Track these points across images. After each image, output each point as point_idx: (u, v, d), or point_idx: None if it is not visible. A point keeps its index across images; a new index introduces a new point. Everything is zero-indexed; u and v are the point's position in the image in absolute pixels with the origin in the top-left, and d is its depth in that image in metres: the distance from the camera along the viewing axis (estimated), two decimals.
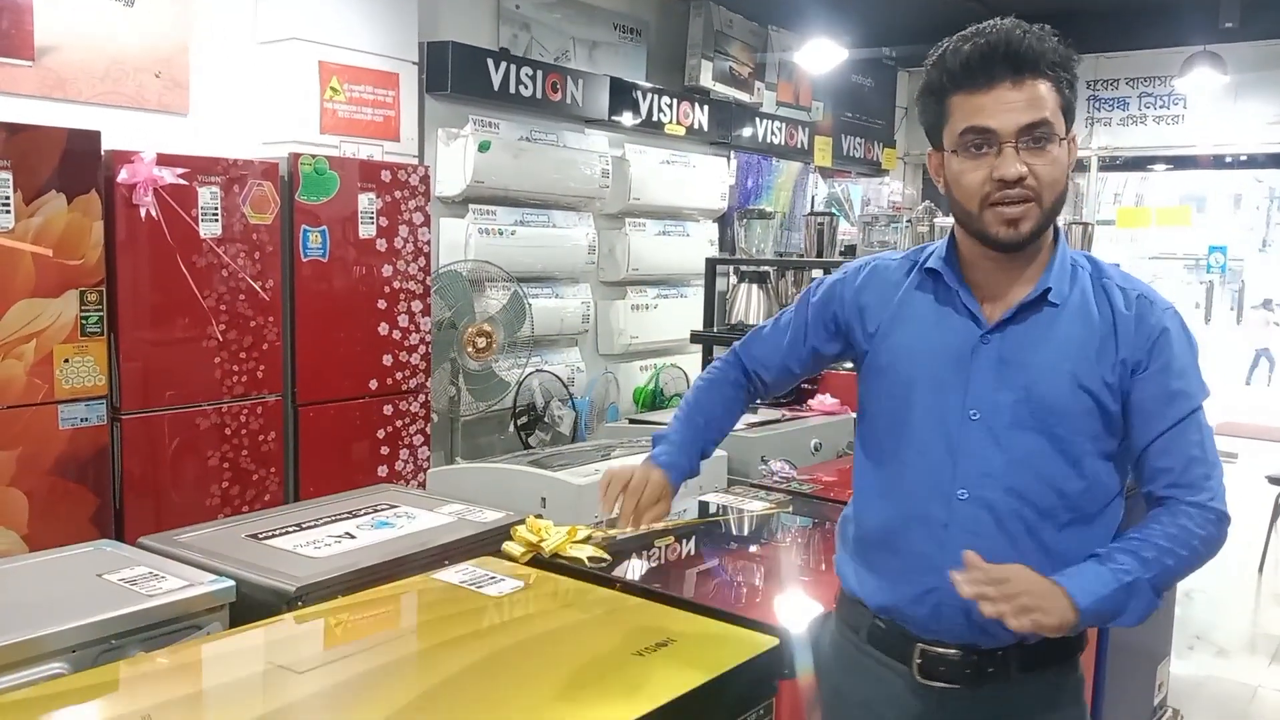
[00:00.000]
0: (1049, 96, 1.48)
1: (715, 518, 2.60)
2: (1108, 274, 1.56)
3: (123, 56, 3.78)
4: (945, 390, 1.55)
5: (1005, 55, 1.47)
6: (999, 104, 1.46)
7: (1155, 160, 7.97)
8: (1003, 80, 1.47)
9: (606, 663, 1.62)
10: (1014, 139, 1.46)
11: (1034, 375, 1.51)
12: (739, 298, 4.76)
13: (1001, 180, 1.46)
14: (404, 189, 4.16)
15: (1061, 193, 1.51)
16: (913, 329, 1.61)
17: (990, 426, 1.51)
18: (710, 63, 6.36)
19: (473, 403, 4.82)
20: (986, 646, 1.53)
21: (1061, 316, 1.52)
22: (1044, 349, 1.51)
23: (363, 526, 2.25)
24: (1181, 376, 1.51)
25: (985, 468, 1.51)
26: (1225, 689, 4.18)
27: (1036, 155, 1.46)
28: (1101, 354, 1.50)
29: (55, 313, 3.19)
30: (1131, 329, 1.51)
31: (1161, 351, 1.50)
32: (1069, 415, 1.50)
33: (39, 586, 1.90)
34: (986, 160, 1.47)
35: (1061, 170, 1.49)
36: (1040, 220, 1.49)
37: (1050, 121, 1.47)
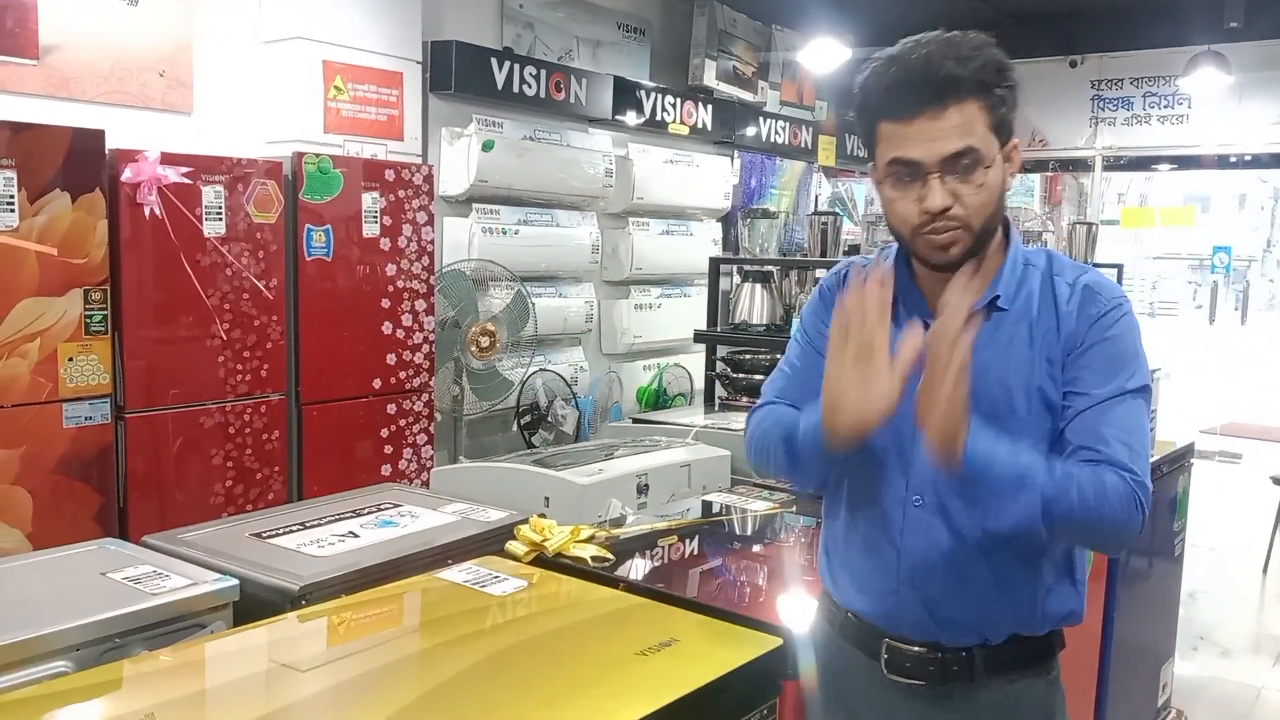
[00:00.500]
0: (977, 119, 1.43)
1: (718, 517, 2.60)
2: (1058, 270, 1.55)
3: (127, 55, 3.78)
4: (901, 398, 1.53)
5: (925, 82, 1.42)
6: (921, 134, 1.42)
7: (1159, 160, 7.95)
8: (924, 109, 1.42)
9: (610, 663, 1.62)
10: (938, 169, 1.42)
11: (983, 382, 1.48)
12: (742, 297, 4.76)
13: (927, 212, 1.44)
14: (408, 188, 4.16)
15: (994, 213, 1.48)
16: None
17: None
18: (714, 62, 6.36)
19: (476, 402, 4.82)
20: (950, 644, 1.54)
21: (1008, 320, 1.52)
22: (992, 355, 1.50)
23: (366, 526, 2.25)
24: (1117, 358, 1.48)
25: (937, 473, 1.50)
26: (1229, 690, 4.18)
27: (963, 183, 1.43)
28: (1046, 351, 1.50)
29: (59, 311, 3.19)
30: (1073, 317, 1.50)
31: (1098, 333, 1.48)
32: (1019, 419, 1.49)
33: (42, 585, 1.90)
34: (914, 190, 1.45)
35: (991, 194, 1.46)
36: (971, 244, 1.47)
37: (976, 148, 1.42)
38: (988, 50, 1.45)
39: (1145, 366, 1.51)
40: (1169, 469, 3.40)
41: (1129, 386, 1.47)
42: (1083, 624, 1.61)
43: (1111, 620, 3.04)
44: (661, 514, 2.56)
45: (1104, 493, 1.40)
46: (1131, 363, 1.49)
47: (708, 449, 3.03)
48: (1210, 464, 7.41)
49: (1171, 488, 3.47)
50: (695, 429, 3.31)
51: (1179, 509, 3.56)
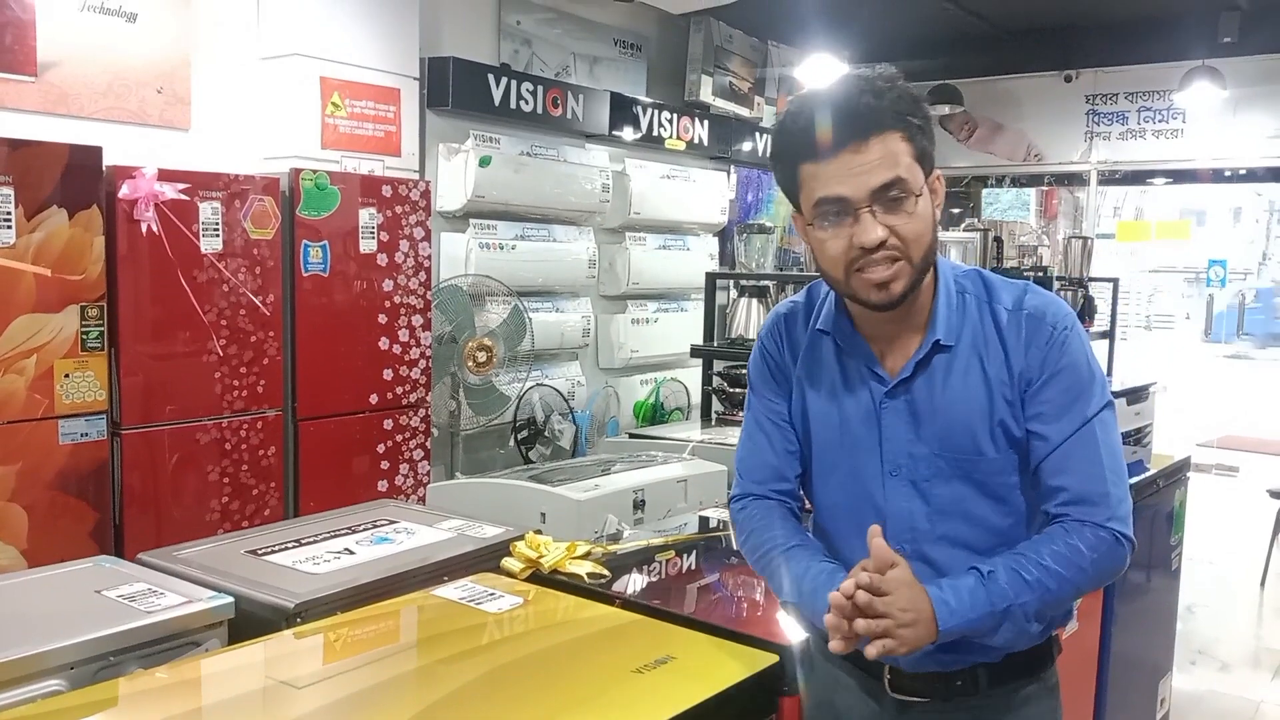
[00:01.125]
0: (900, 150, 1.41)
1: (715, 533, 2.59)
2: (994, 295, 1.52)
3: (125, 72, 3.79)
4: (861, 450, 1.55)
5: (845, 119, 1.40)
6: (847, 170, 1.40)
7: (1155, 174, 7.97)
8: (847, 145, 1.40)
9: (606, 680, 1.62)
10: (869, 203, 1.41)
11: (946, 426, 1.49)
12: (739, 312, 4.77)
13: (863, 247, 1.42)
14: (405, 204, 4.17)
15: (930, 244, 1.47)
16: (822, 390, 1.59)
17: (912, 480, 1.52)
18: (710, 78, 6.38)
19: (473, 417, 4.82)
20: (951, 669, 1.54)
21: (958, 357, 1.50)
22: (950, 398, 1.50)
23: (362, 542, 2.25)
24: (1073, 387, 1.47)
25: (912, 521, 1.52)
26: (1227, 704, 4.17)
27: (895, 215, 1.42)
28: (1002, 389, 1.48)
29: (56, 328, 3.19)
30: (1022, 350, 1.48)
31: (1051, 363, 1.47)
32: (986, 458, 1.49)
33: (37, 602, 1.89)
34: (845, 228, 1.43)
35: (925, 223, 1.45)
36: (913, 276, 1.45)
37: (904, 178, 1.41)
38: (900, 84, 1.45)
39: (1102, 383, 1.50)
40: (1165, 483, 3.39)
41: (1090, 413, 1.47)
42: (1080, 638, 1.62)
43: (1109, 634, 3.04)
44: (658, 530, 2.56)
45: (1080, 567, 1.43)
46: (1090, 385, 1.48)
47: (704, 464, 3.03)
48: (1207, 477, 7.41)
49: (1168, 502, 3.47)
50: (692, 444, 3.32)
51: (1176, 523, 3.56)
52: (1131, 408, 3.19)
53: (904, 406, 1.52)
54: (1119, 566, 1.48)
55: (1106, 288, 6.44)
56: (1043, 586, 1.41)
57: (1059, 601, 1.47)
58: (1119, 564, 1.48)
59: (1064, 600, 1.48)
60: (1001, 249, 5.13)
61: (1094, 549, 1.44)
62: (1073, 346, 1.48)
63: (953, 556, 1.50)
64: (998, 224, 5.62)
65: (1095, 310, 6.17)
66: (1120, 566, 1.48)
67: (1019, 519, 1.52)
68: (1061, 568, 1.42)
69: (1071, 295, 5.77)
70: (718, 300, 5.00)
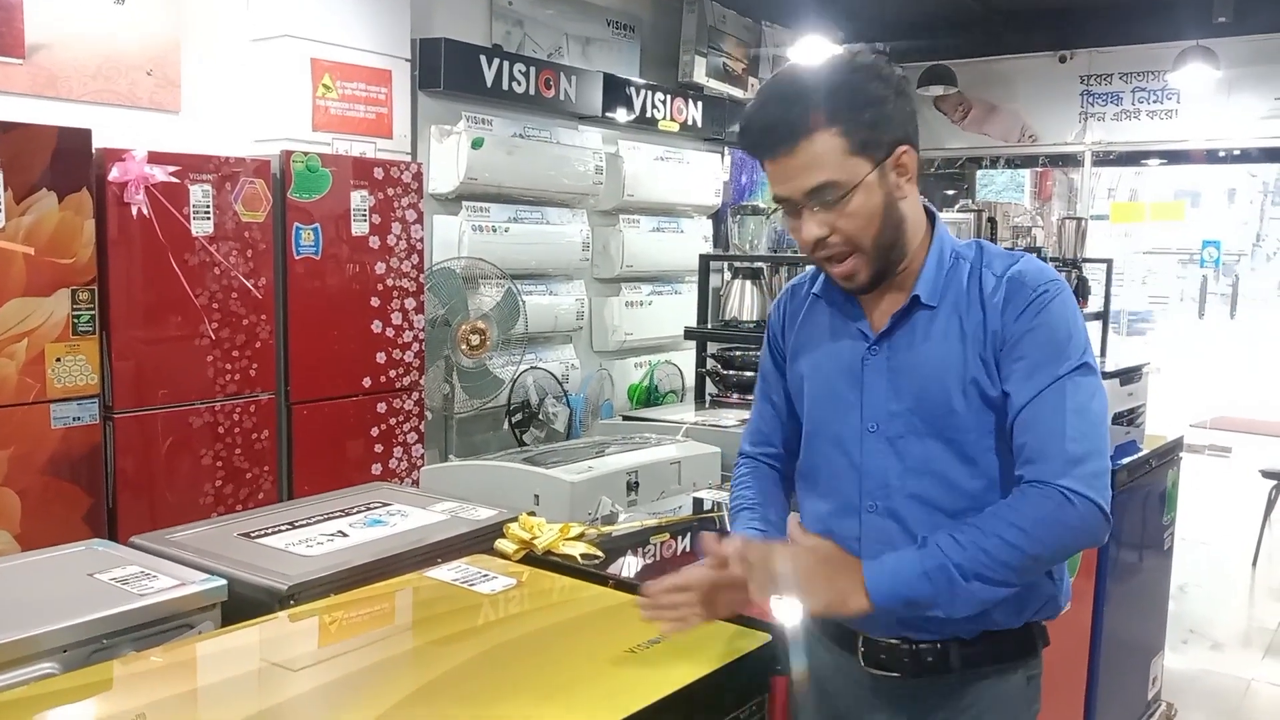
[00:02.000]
0: (831, 148, 1.43)
1: (709, 514, 2.59)
2: (988, 261, 1.53)
3: (114, 54, 3.77)
4: (844, 406, 1.57)
5: (773, 126, 1.46)
6: (784, 173, 1.47)
7: (1149, 155, 7.96)
8: (778, 150, 1.46)
9: (599, 660, 1.62)
10: (805, 203, 1.47)
11: (921, 382, 1.51)
12: (733, 294, 4.76)
13: (805, 243, 1.50)
14: (397, 186, 4.16)
15: (880, 229, 1.48)
16: (812, 348, 1.65)
17: (888, 437, 1.53)
18: (704, 59, 6.35)
19: (467, 400, 4.82)
20: (920, 639, 1.54)
21: (939, 317, 1.52)
22: (926, 354, 1.51)
23: (355, 525, 2.25)
24: (1045, 347, 1.45)
25: (886, 478, 1.53)
26: (1219, 683, 4.19)
27: (833, 213, 1.46)
28: (977, 347, 1.48)
29: (47, 312, 3.18)
30: (999, 311, 1.48)
31: (1026, 322, 1.46)
32: (960, 416, 1.49)
33: (29, 586, 1.89)
34: (797, 223, 1.51)
35: (867, 217, 1.46)
36: (874, 263, 1.50)
37: (834, 180, 1.44)
38: (844, 75, 1.46)
39: (1080, 346, 1.47)
40: (1158, 463, 3.41)
41: (1060, 372, 1.43)
42: (1073, 618, 1.61)
43: (1101, 614, 3.05)
44: (652, 511, 2.56)
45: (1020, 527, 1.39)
46: (1065, 345, 1.45)
47: (698, 446, 3.03)
48: (1200, 458, 7.43)
49: (1161, 482, 3.48)
50: (686, 426, 3.31)
51: (1168, 503, 3.57)
52: (1124, 388, 3.19)
53: (884, 364, 1.54)
54: (1076, 528, 1.40)
55: (1100, 269, 6.44)
56: (976, 546, 1.39)
57: (1006, 565, 1.39)
58: (1073, 525, 1.39)
59: (1013, 565, 1.39)
60: (996, 230, 5.12)
61: (1037, 507, 1.39)
62: (1052, 309, 1.46)
63: (922, 515, 1.51)
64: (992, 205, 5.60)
65: (1089, 291, 6.18)
66: (1077, 528, 1.40)
67: (991, 483, 1.50)
68: (999, 528, 1.39)
69: (1065, 276, 5.77)
70: (711, 282, 4.99)
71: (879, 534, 1.53)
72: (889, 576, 1.42)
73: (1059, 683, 2.88)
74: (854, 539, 1.56)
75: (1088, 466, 1.40)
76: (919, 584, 1.40)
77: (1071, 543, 1.45)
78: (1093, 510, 1.39)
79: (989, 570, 1.39)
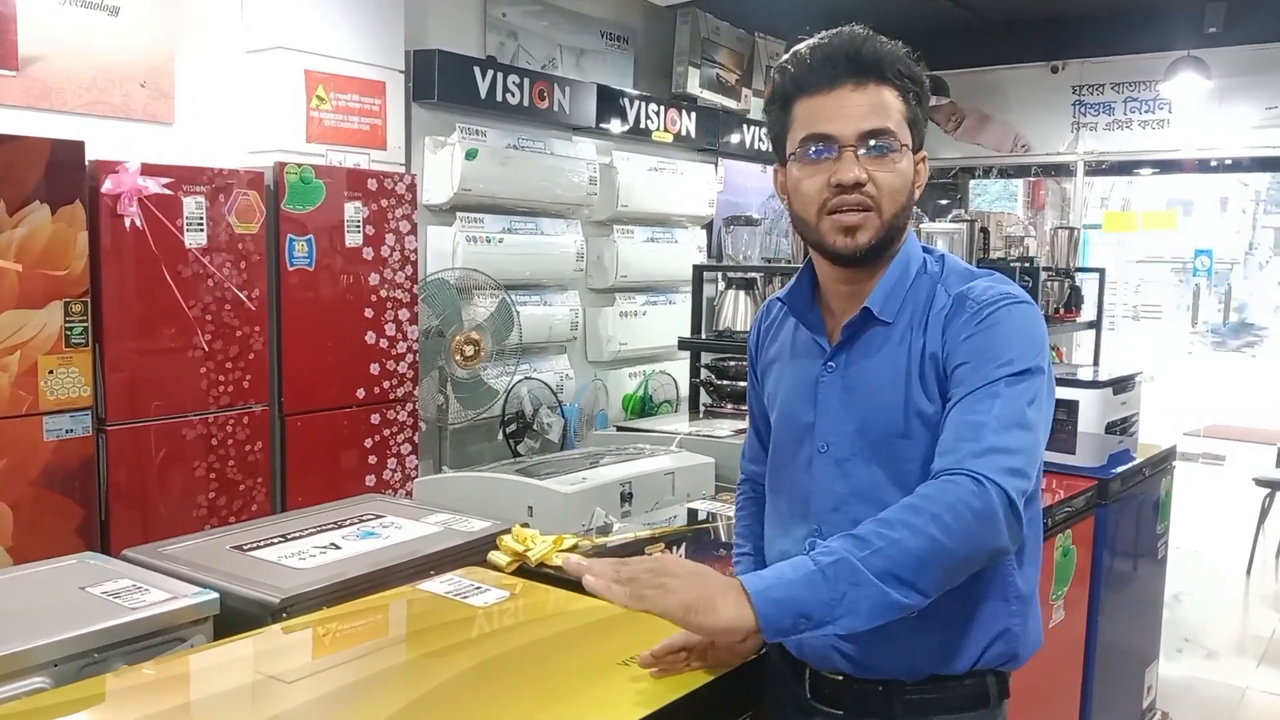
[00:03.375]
0: (894, 105, 1.44)
1: (704, 525, 2.59)
2: (945, 278, 1.48)
3: (108, 66, 3.77)
4: (802, 427, 1.53)
5: (847, 57, 1.43)
6: (840, 108, 1.42)
7: (1141, 164, 8.00)
8: (844, 83, 1.43)
9: (593, 672, 1.62)
10: (854, 144, 1.42)
11: (869, 403, 1.46)
12: (726, 304, 4.77)
13: (839, 185, 1.42)
14: (391, 197, 4.16)
15: (904, 205, 1.46)
16: (777, 366, 1.61)
17: (836, 459, 1.48)
18: (697, 70, 6.37)
19: (461, 411, 4.81)
20: (863, 678, 1.48)
21: (892, 335, 1.46)
22: (876, 374, 1.46)
23: (348, 537, 2.24)
24: (985, 350, 1.37)
25: (833, 502, 1.48)
26: (1214, 691, 4.19)
27: (877, 163, 1.42)
28: (918, 362, 1.43)
29: (40, 324, 3.17)
30: (940, 331, 1.42)
31: (966, 332, 1.40)
32: (903, 443, 1.43)
33: (20, 600, 1.88)
34: (825, 166, 1.43)
35: (904, 181, 1.44)
36: (880, 231, 1.44)
37: (893, 131, 1.43)
38: (908, 51, 1.48)
39: (1031, 353, 1.37)
40: (1152, 471, 3.41)
41: (998, 374, 1.35)
42: (1067, 627, 1.57)
43: (1095, 623, 3.05)
44: (646, 522, 2.56)
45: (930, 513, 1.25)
46: (1002, 352, 1.36)
47: (692, 456, 3.02)
48: (1194, 466, 7.44)
49: (1155, 490, 3.49)
50: (680, 436, 3.31)
51: (1162, 511, 3.57)
52: (1118, 397, 3.20)
53: (838, 381, 1.50)
54: (984, 518, 1.25)
55: (1093, 278, 6.46)
56: (883, 539, 1.23)
57: (916, 556, 1.23)
58: (981, 513, 1.25)
59: (923, 557, 1.23)
60: (989, 240, 5.14)
61: (947, 494, 1.26)
62: (996, 318, 1.39)
63: None
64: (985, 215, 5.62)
65: (1082, 300, 6.19)
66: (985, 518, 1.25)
67: None
68: (905, 517, 1.25)
69: (1059, 286, 5.78)
70: (705, 293, 5.00)
71: None
72: (770, 578, 1.27)
73: (1053, 692, 2.87)
74: None
75: (1008, 461, 1.28)
76: (811, 584, 1.23)
77: (983, 541, 1.27)
78: (1006, 508, 1.26)
79: (897, 566, 1.22)
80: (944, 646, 1.42)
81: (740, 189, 6.94)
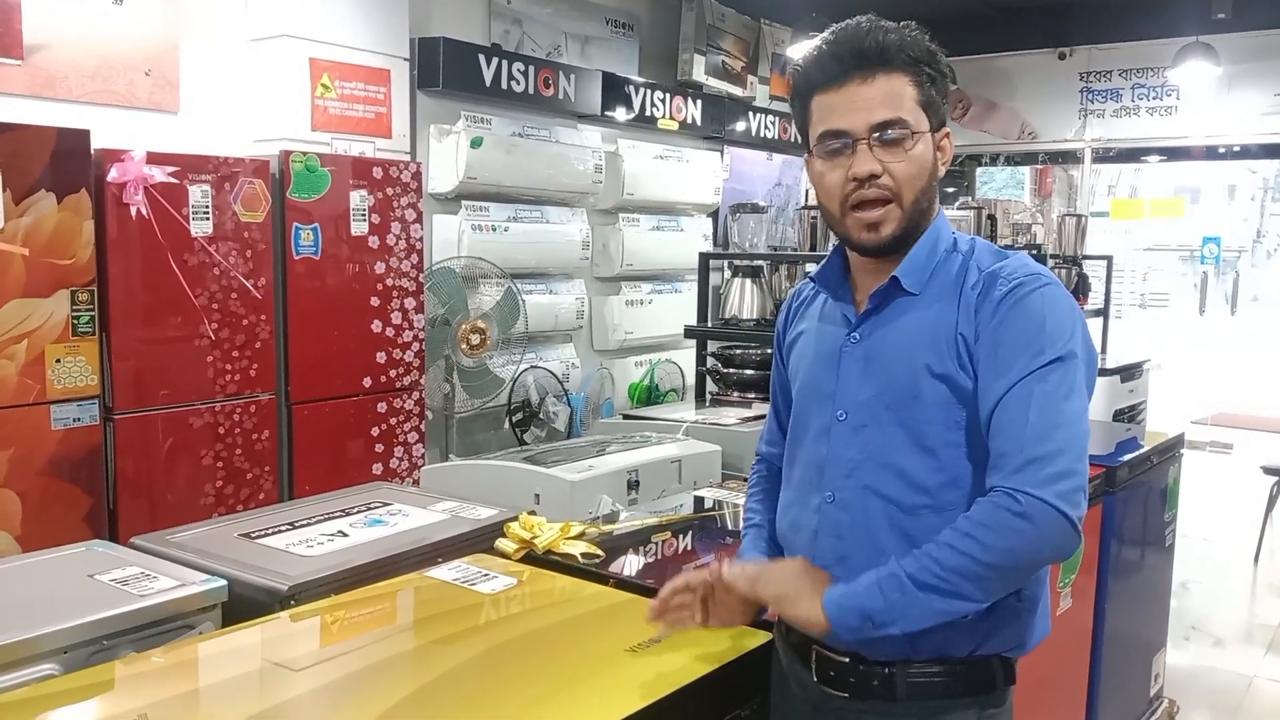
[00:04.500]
0: (905, 92, 1.45)
1: (710, 513, 2.59)
2: (978, 257, 1.50)
3: (113, 54, 3.76)
4: (823, 396, 1.55)
5: (852, 52, 1.45)
6: (850, 103, 1.45)
7: (1149, 152, 7.96)
8: (853, 77, 1.45)
9: (600, 659, 1.62)
10: (867, 137, 1.44)
11: (889, 368, 1.48)
12: (733, 292, 4.76)
13: (855, 178, 1.45)
14: (396, 186, 4.15)
15: (924, 189, 1.48)
16: (803, 341, 1.64)
17: (854, 426, 1.50)
18: (703, 57, 6.35)
19: (467, 400, 4.82)
20: (872, 658, 1.48)
21: (917, 304, 1.49)
22: (899, 340, 1.48)
23: (355, 525, 2.25)
24: (1018, 338, 1.39)
25: (847, 468, 1.49)
26: (1221, 679, 4.19)
27: (892, 153, 1.44)
28: (947, 332, 1.45)
29: (46, 313, 3.18)
30: (972, 307, 1.44)
31: (1000, 314, 1.41)
32: (924, 405, 1.44)
33: (30, 587, 1.89)
34: (843, 160, 1.46)
35: (921, 167, 1.46)
36: (903, 222, 1.47)
37: (905, 120, 1.44)
38: (919, 34, 1.49)
39: (1065, 337, 1.39)
40: (1159, 459, 3.40)
41: (1031, 367, 1.37)
42: (1074, 615, 1.56)
43: (1103, 611, 3.05)
44: (653, 510, 2.56)
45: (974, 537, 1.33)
46: (1037, 337, 1.39)
47: (698, 444, 3.03)
48: (1201, 454, 7.43)
49: (1162, 478, 3.48)
50: (686, 424, 3.31)
51: (1170, 499, 3.57)
52: (1125, 385, 3.19)
53: (860, 351, 1.52)
54: (1031, 536, 1.32)
55: (1100, 266, 6.45)
56: (929, 556, 1.35)
57: (958, 574, 1.33)
58: (1027, 532, 1.32)
59: (966, 574, 1.33)
60: (995, 227, 5.12)
61: (989, 514, 1.34)
62: (1029, 301, 1.41)
63: (876, 509, 1.47)
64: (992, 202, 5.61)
65: (1089, 288, 6.17)
66: (1033, 536, 1.32)
67: (952, 481, 1.44)
68: (950, 537, 1.35)
69: (1066, 273, 5.77)
70: (711, 281, 4.99)
71: (832, 527, 1.50)
72: (840, 588, 1.41)
73: (1061, 679, 2.87)
74: (811, 531, 1.53)
75: (1049, 468, 1.33)
76: (871, 594, 1.37)
77: (1029, 552, 1.35)
78: (1051, 516, 1.32)
79: (941, 580, 1.34)
80: (951, 631, 1.43)
81: (746, 177, 6.92)
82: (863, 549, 1.46)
